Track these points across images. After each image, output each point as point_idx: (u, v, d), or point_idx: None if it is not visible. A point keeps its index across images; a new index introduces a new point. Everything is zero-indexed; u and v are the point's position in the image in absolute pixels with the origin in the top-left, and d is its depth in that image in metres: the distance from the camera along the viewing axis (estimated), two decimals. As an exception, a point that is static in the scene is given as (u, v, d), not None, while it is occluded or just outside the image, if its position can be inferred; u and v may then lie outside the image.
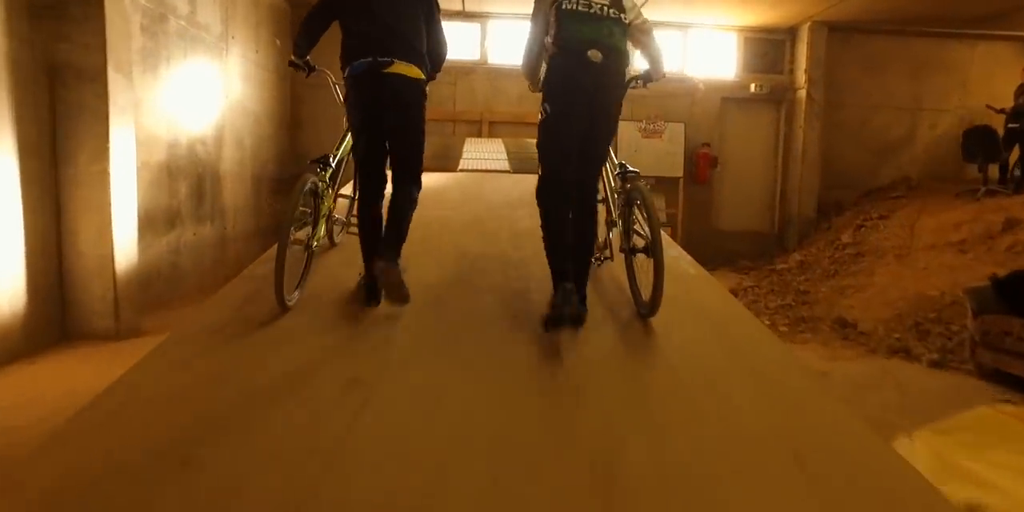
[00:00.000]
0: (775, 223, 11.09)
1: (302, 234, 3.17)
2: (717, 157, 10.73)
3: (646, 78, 3.30)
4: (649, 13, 9.31)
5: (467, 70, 10.29)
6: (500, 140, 9.44)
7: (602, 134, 3.05)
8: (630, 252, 3.13)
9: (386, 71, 2.94)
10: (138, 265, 5.52)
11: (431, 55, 3.23)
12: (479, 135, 10.15)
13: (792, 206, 10.76)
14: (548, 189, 2.98)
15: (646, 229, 2.94)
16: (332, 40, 3.36)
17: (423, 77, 3.12)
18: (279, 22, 9.69)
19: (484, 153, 8.37)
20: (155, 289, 6.14)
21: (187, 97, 6.74)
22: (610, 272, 3.65)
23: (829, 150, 10.67)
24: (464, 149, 8.60)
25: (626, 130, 10.13)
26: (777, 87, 10.72)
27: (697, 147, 10.60)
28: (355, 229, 3.38)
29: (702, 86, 10.60)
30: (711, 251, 10.55)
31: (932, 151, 11.02)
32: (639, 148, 10.27)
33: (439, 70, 3.38)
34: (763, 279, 8.81)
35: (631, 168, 3.31)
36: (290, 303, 2.96)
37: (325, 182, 3.25)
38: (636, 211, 3.11)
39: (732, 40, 10.82)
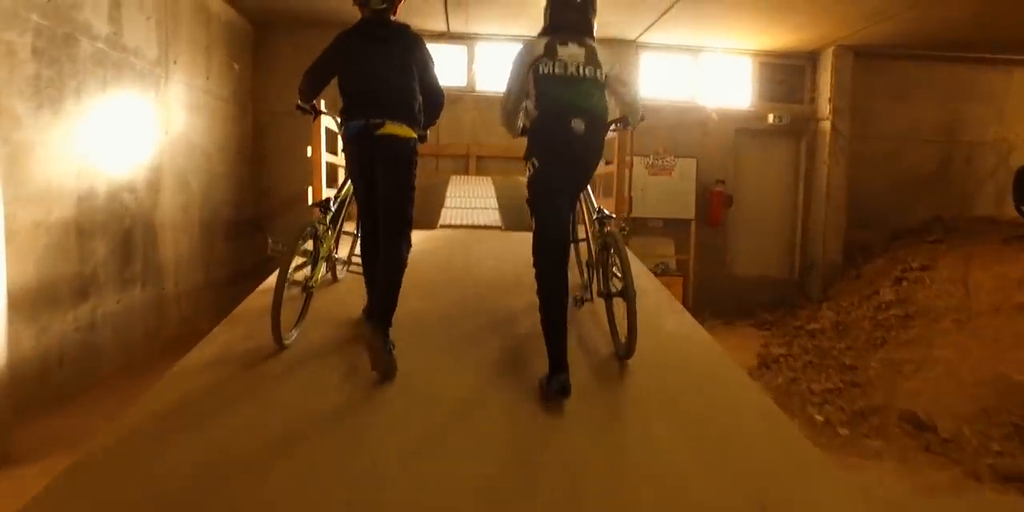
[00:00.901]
0: (795, 268, 9.96)
1: (300, 275, 3.26)
2: (732, 196, 9.61)
3: (624, 122, 3.46)
4: (656, 36, 7.98)
5: (453, 98, 9.01)
6: (489, 179, 8.27)
7: (581, 187, 3.27)
8: (607, 296, 3.24)
9: (379, 133, 3.02)
10: (13, 360, 4.24)
11: (426, 106, 3.26)
12: (465, 172, 8.97)
13: (815, 249, 9.64)
14: (545, 249, 3.01)
15: (621, 274, 3.00)
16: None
17: (414, 136, 3.15)
18: (238, 43, 8.51)
19: (471, 198, 7.21)
20: (54, 381, 4.86)
21: (108, 136, 5.52)
22: (592, 312, 3.66)
23: (854, 187, 9.57)
24: (448, 191, 7.44)
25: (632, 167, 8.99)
26: (797, 117, 9.64)
27: (710, 185, 9.48)
28: (356, 267, 3.61)
29: (715, 116, 9.51)
30: (726, 300, 9.42)
31: (968, 187, 9.97)
32: (646, 186, 9.13)
33: (437, 117, 3.40)
34: (791, 340, 7.64)
35: (607, 212, 3.45)
36: (287, 342, 3.07)
37: (325, 224, 3.40)
38: (613, 256, 3.18)
39: (747, 65, 9.75)
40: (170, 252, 6.75)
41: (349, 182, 3.54)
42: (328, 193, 5.68)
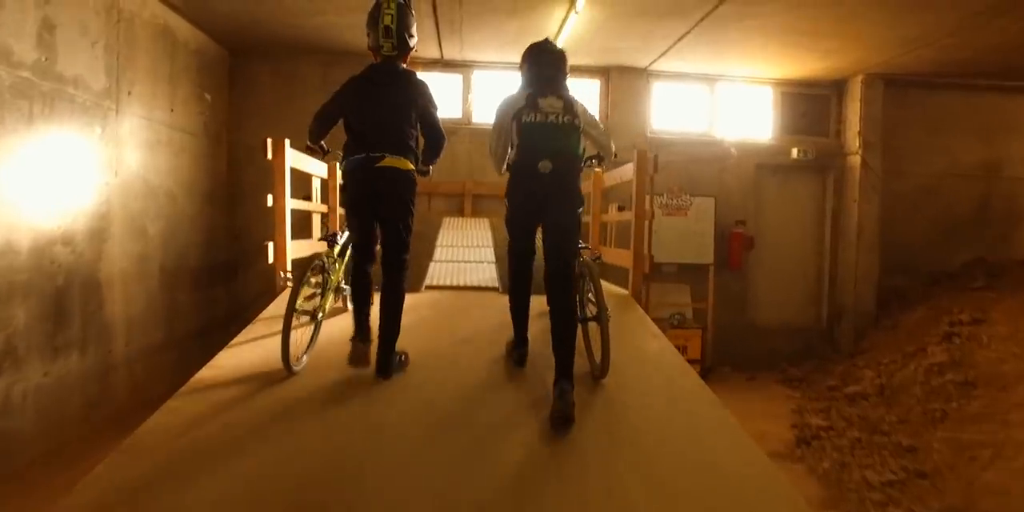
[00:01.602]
0: (823, 317, 9.05)
1: (309, 305, 3.45)
2: (753, 237, 8.75)
3: (599, 159, 3.60)
4: (670, 63, 6.88)
5: (447, 131, 8.11)
6: (487, 222, 7.42)
7: (567, 227, 3.28)
8: (583, 320, 3.46)
9: (378, 165, 3.20)
10: None
11: (428, 146, 3.46)
12: (460, 213, 8.12)
13: (844, 296, 8.75)
14: (515, 278, 3.48)
15: (595, 300, 3.31)
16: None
17: (412, 168, 3.32)
18: (211, 71, 7.73)
19: (464, 247, 6.37)
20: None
21: (34, 181, 4.68)
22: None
23: (887, 227, 8.70)
24: (439, 239, 6.60)
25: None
26: (823, 152, 8.81)
27: (729, 226, 8.63)
28: None
29: (734, 151, 8.69)
30: (748, 351, 8.52)
31: (1011, 228, 9.10)
32: (660, 228, 8.24)
33: (438, 155, 3.51)
34: (829, 405, 6.72)
35: (582, 243, 3.49)
36: (296, 369, 3.27)
37: (332, 257, 3.64)
38: (588, 283, 3.46)
39: (767, 95, 8.96)
40: (119, 309, 5.87)
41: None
42: (297, 247, 4.86)
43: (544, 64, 3.43)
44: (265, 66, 8.32)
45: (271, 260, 4.63)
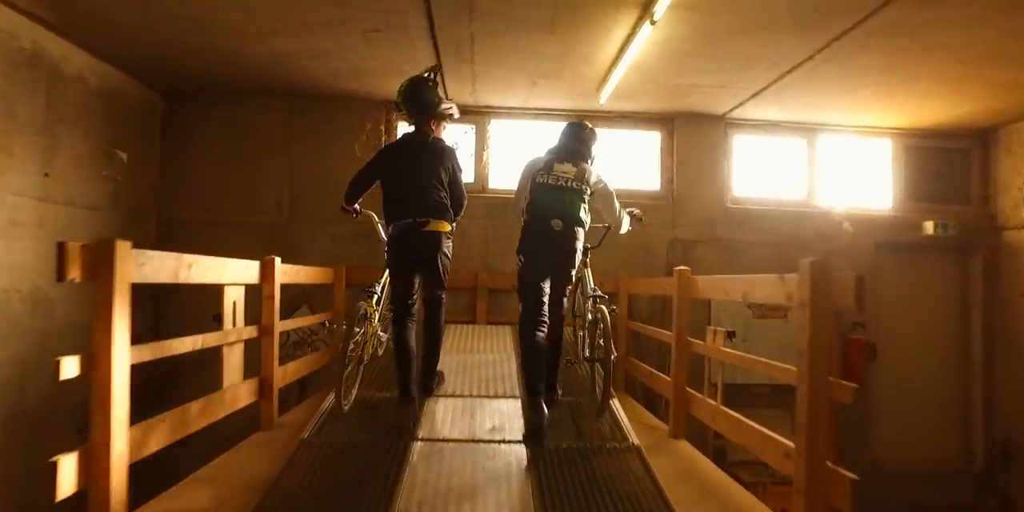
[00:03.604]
0: (978, 455, 6.49)
1: (355, 352, 3.75)
2: (875, 344, 6.32)
3: (612, 226, 4.16)
4: (756, 109, 6.10)
5: (452, 199, 6.07)
6: (509, 331, 5.12)
7: (563, 281, 3.81)
8: (591, 361, 3.97)
9: (424, 229, 3.62)
10: None
11: (454, 205, 3.82)
12: (471, 317, 5.76)
13: (1008, 425, 6.24)
14: (526, 324, 3.66)
15: (603, 344, 3.68)
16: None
17: (450, 229, 3.77)
18: (128, 121, 5.59)
19: (475, 379, 4.14)
20: None
21: None
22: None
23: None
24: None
25: (728, 306, 5.82)
26: (968, 225, 6.45)
27: (843, 328, 6.21)
28: None
29: (848, 226, 6.35)
30: (874, 503, 5.90)
31: None
32: (749, 333, 5.90)
33: (461, 212, 3.95)
34: None
35: (599, 292, 4.01)
36: (346, 407, 3.65)
37: (372, 307, 3.87)
38: (599, 329, 3.82)
39: (885, 149, 6.68)
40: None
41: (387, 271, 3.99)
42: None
43: (573, 137, 3.86)
44: (211, 115, 6.19)
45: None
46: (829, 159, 6.63)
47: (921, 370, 6.57)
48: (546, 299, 3.69)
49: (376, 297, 3.92)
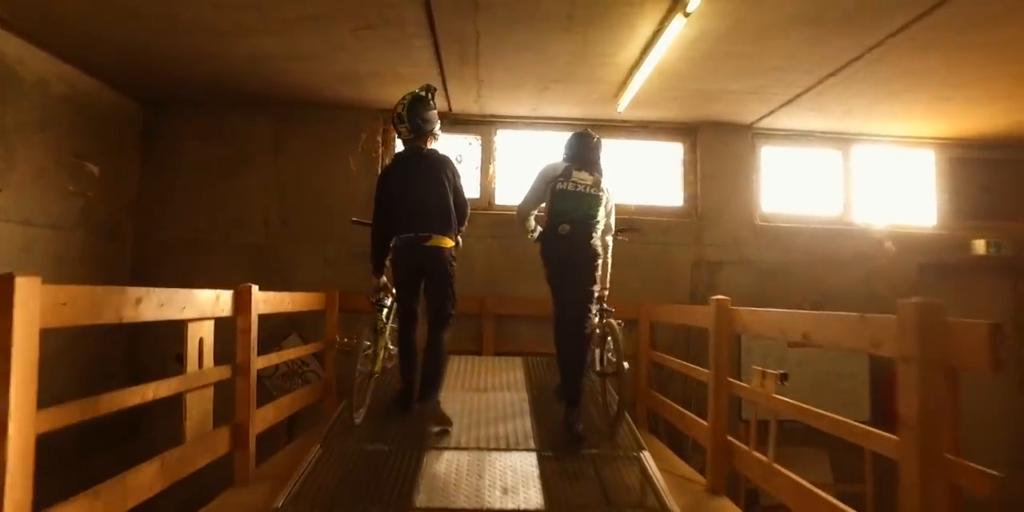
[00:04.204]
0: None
1: (364, 366, 3.76)
2: (923, 374, 5.71)
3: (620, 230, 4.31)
4: (786, 118, 5.59)
5: (455, 217, 5.52)
6: (520, 363, 4.55)
7: (584, 281, 3.76)
8: (602, 375, 4.02)
9: (426, 244, 3.57)
10: None
11: (457, 215, 3.75)
12: (478, 348, 5.19)
13: (1072, 467, 5.61)
14: (559, 327, 3.77)
15: (615, 359, 3.72)
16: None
17: (453, 245, 3.69)
18: (102, 131, 5.09)
19: (483, 423, 3.56)
20: None
21: None
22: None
23: None
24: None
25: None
26: (1022, 244, 5.88)
27: (886, 361, 5.60)
28: None
29: (890, 245, 5.78)
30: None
31: None
32: (784, 364, 5.31)
33: (464, 223, 3.86)
34: None
35: (607, 306, 4.04)
36: (357, 420, 3.63)
37: (383, 321, 3.88)
38: (609, 343, 3.88)
39: (927, 161, 6.13)
40: None
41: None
42: None
43: (585, 147, 3.86)
44: (195, 125, 5.68)
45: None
46: (865, 172, 6.07)
47: (974, 409, 5.95)
48: (576, 303, 3.75)
49: (386, 311, 3.94)
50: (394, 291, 3.90)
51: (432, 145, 3.80)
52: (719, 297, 3.47)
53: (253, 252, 5.63)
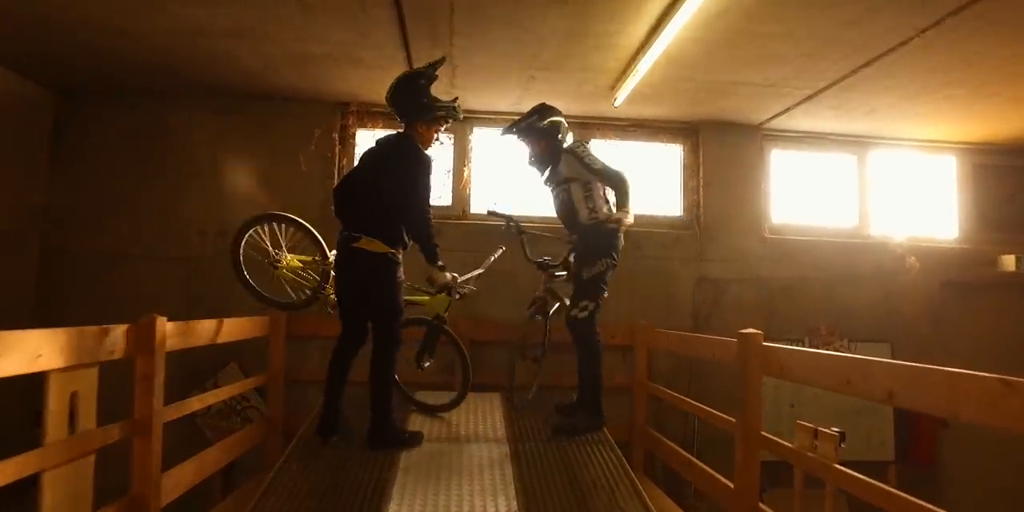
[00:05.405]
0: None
1: None
2: (948, 407, 5.12)
3: (618, 205, 3.61)
4: (797, 119, 4.98)
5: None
6: (499, 403, 3.85)
7: (574, 284, 3.67)
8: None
9: (353, 245, 3.17)
10: None
11: (405, 222, 3.23)
12: (448, 382, 4.41)
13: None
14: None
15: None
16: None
17: (387, 250, 3.18)
18: (2, 122, 4.26)
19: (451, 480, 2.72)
20: None
21: None
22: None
23: None
24: (400, 459, 2.97)
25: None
26: (1053, 261, 5.32)
27: (913, 389, 4.99)
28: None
29: (915, 261, 5.17)
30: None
31: None
32: (799, 397, 4.69)
33: (424, 238, 3.24)
34: None
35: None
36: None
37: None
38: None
39: (949, 167, 5.55)
40: None
41: None
42: None
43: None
44: (117, 118, 4.84)
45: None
46: (882, 179, 5.46)
47: (1003, 437, 5.37)
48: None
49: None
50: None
51: (434, 135, 3.43)
52: (750, 330, 2.77)
53: (187, 266, 4.80)
